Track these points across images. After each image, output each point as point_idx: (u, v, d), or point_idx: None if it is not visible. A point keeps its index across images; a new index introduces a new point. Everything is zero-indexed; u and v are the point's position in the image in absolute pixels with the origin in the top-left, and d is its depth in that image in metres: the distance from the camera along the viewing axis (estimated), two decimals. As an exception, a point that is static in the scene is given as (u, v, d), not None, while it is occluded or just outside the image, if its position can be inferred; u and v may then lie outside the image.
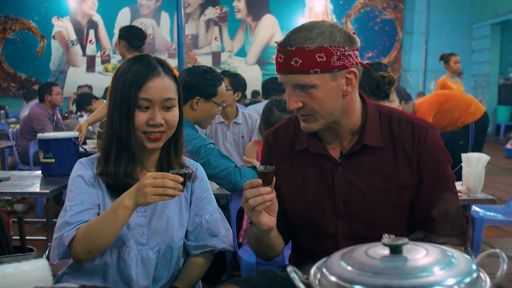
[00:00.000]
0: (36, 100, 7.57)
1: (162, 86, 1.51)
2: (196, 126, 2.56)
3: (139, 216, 1.54)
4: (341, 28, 1.40)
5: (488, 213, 3.53)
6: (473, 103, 5.18)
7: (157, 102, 1.50)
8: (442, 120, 5.11)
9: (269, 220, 1.39)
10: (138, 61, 1.54)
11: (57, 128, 5.46)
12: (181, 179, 1.35)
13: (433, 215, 1.44)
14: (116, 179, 1.52)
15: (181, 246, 1.65)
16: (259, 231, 1.42)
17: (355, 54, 1.40)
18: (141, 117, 1.49)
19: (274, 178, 1.36)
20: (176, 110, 1.56)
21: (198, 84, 2.48)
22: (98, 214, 1.51)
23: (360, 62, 1.44)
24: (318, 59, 1.34)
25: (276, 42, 1.42)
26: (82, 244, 1.43)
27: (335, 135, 1.49)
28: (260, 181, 1.33)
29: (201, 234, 1.65)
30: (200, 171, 1.71)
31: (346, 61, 1.37)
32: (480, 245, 3.35)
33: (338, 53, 1.36)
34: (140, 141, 1.52)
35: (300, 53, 1.35)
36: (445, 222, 1.44)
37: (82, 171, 1.56)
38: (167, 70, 1.56)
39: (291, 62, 1.36)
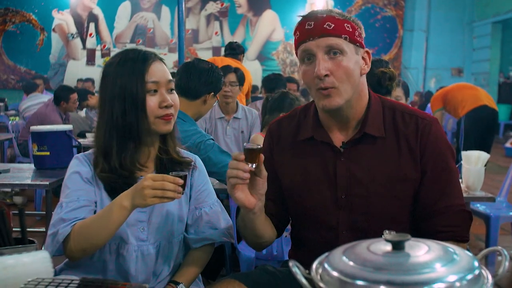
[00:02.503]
0: (36, 93, 7.56)
1: (163, 69, 1.55)
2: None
3: (138, 212, 1.52)
4: None
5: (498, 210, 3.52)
6: (467, 97, 5.16)
7: (163, 84, 1.53)
8: (448, 109, 5.18)
9: (245, 198, 1.38)
10: (128, 53, 1.55)
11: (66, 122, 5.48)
12: (181, 181, 1.34)
13: (436, 210, 1.44)
14: (121, 171, 1.50)
15: (181, 240, 1.64)
16: (242, 210, 1.44)
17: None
18: (152, 101, 1.50)
19: (262, 156, 1.35)
20: (175, 93, 1.59)
21: (217, 79, 2.53)
22: (95, 212, 1.50)
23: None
24: (347, 28, 1.42)
25: (300, 16, 1.46)
26: (77, 242, 1.42)
27: (342, 124, 1.49)
28: (242, 156, 1.33)
29: (201, 227, 1.64)
30: (199, 163, 1.70)
31: (362, 41, 1.46)
32: (496, 244, 3.32)
33: (359, 31, 1.45)
34: (154, 127, 1.52)
35: (332, 18, 1.41)
36: (448, 218, 1.44)
37: (79, 168, 1.54)
38: (157, 55, 1.59)
39: (324, 26, 1.40)
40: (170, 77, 1.57)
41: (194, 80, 2.45)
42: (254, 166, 1.34)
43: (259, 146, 1.35)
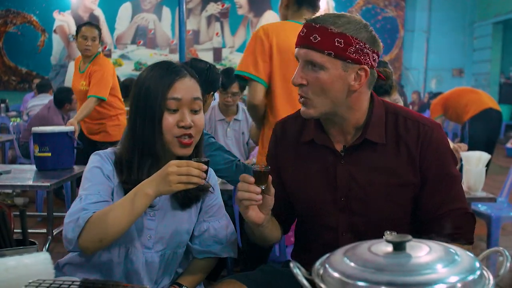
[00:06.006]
0: (46, 94, 7.52)
1: (190, 86, 1.50)
2: None
3: (147, 220, 1.52)
4: (371, 29, 1.43)
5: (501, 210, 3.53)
6: (471, 102, 5.17)
7: (186, 103, 1.48)
8: (450, 116, 5.19)
9: (256, 216, 1.41)
10: (160, 66, 1.53)
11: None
12: (205, 167, 1.34)
13: (439, 215, 1.44)
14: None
15: (184, 251, 1.65)
16: (250, 224, 1.45)
17: (373, 57, 1.41)
18: (169, 119, 1.46)
19: (270, 177, 1.37)
20: (202, 114, 1.54)
21: (216, 79, 2.52)
22: None
23: (376, 70, 1.46)
24: (336, 43, 1.36)
25: (305, 19, 1.44)
26: (94, 231, 1.36)
27: (340, 129, 1.49)
28: (252, 179, 1.34)
29: (206, 240, 1.63)
30: (213, 179, 1.68)
31: (362, 57, 1.38)
32: (498, 245, 3.31)
33: (357, 46, 1.37)
34: (170, 146, 1.48)
35: (322, 31, 1.37)
36: (451, 221, 1.44)
37: (101, 163, 1.52)
38: (191, 71, 1.54)
39: (311, 37, 1.38)
40: (197, 95, 1.51)
41: None
42: (263, 187, 1.36)
43: (268, 168, 1.36)
